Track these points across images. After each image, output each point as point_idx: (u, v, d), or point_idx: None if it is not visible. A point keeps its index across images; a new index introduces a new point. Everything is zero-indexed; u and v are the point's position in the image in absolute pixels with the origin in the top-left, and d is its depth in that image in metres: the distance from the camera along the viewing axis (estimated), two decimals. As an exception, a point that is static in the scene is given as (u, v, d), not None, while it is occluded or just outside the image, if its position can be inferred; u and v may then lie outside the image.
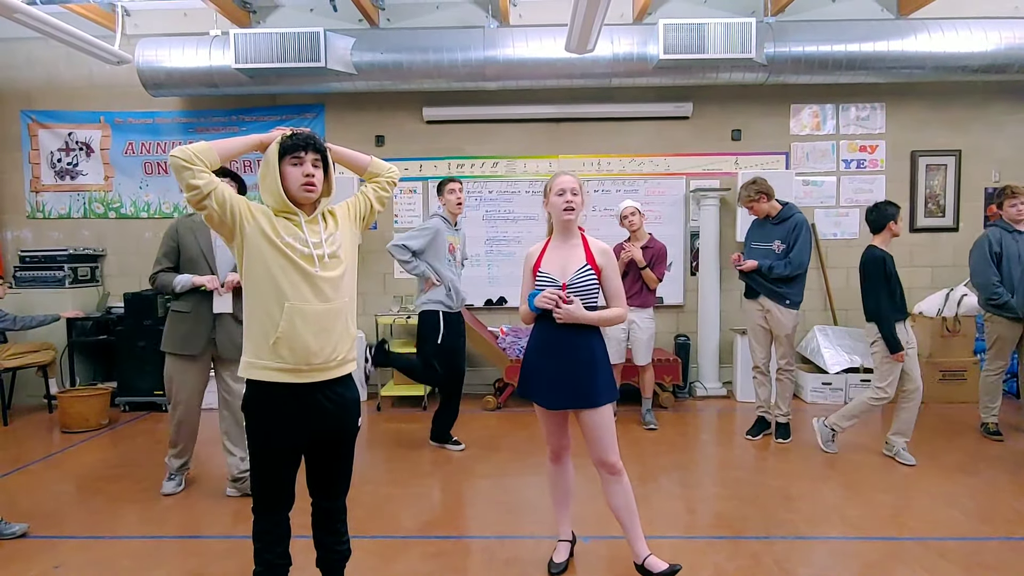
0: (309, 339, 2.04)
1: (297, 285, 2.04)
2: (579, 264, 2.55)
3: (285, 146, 2.06)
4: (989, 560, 2.81)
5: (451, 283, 4.20)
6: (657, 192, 6.03)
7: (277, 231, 2.04)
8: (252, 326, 2.07)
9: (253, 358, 2.06)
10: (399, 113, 6.03)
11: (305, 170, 2.07)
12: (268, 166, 2.08)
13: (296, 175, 2.06)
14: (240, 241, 2.06)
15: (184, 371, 3.56)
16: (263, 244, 2.03)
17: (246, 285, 2.08)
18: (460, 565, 2.84)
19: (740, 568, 2.76)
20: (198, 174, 2.00)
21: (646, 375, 4.94)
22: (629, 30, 5.40)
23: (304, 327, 2.03)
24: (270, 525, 2.16)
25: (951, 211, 6.04)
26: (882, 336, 3.92)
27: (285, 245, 2.03)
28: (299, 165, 2.07)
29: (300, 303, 2.03)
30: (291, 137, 2.08)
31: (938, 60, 5.28)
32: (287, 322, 2.01)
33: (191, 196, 2.01)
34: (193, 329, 3.52)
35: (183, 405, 3.58)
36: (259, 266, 2.04)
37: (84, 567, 2.85)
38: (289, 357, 2.03)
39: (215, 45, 5.41)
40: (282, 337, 2.01)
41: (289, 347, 2.02)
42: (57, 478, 3.98)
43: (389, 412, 5.50)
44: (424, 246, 4.15)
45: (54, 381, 5.55)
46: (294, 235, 2.06)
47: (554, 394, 2.56)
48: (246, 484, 3.59)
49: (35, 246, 6.14)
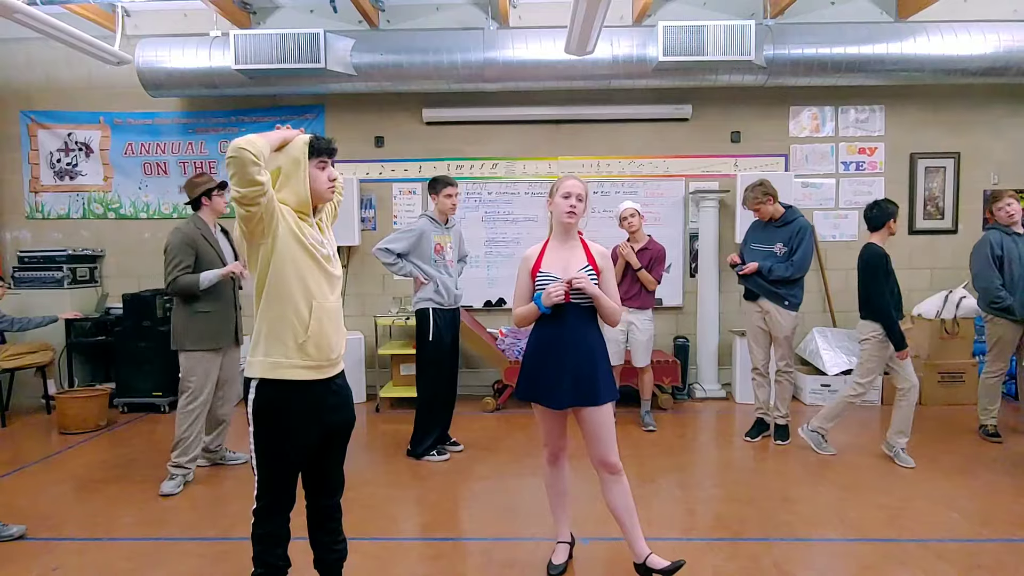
0: (332, 335, 2.13)
1: (320, 284, 2.12)
2: (581, 264, 2.58)
3: (318, 148, 2.13)
4: (988, 562, 2.81)
5: (439, 280, 4.18)
6: (656, 194, 6.03)
7: (303, 230, 2.10)
8: (278, 327, 2.06)
9: (280, 358, 2.06)
10: (399, 114, 6.03)
11: (330, 174, 2.18)
12: (298, 166, 2.10)
13: (323, 178, 2.16)
14: (271, 242, 2.04)
15: (211, 365, 3.78)
16: (294, 244, 2.06)
17: (272, 286, 2.06)
18: (458, 567, 2.84)
19: (739, 570, 2.77)
20: (263, 171, 1.94)
21: (645, 377, 4.94)
22: (629, 32, 5.40)
23: (328, 324, 2.12)
24: (271, 528, 2.15)
25: (950, 213, 6.04)
26: (888, 333, 3.91)
27: (311, 245, 2.10)
28: (324, 169, 2.16)
29: (323, 301, 2.12)
30: (320, 140, 2.15)
31: (937, 63, 5.28)
32: (316, 321, 2.08)
33: (251, 191, 1.92)
34: (221, 325, 3.80)
35: (204, 396, 3.78)
36: (289, 266, 2.06)
37: (82, 569, 2.84)
38: (316, 354, 2.09)
39: (215, 46, 5.41)
40: (312, 336, 2.07)
41: (316, 345, 2.09)
42: (55, 479, 3.97)
43: (388, 413, 5.50)
44: (408, 248, 4.14)
45: (52, 382, 5.54)
46: (311, 234, 2.13)
47: (557, 393, 2.56)
48: (215, 454, 4.12)
49: (34, 247, 6.13)
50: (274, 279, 2.06)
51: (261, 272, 2.08)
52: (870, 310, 4.00)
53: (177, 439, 3.74)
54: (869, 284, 3.98)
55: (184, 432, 3.72)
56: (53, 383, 5.54)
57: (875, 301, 3.96)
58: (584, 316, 2.58)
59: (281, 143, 2.10)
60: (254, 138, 1.96)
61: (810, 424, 4.32)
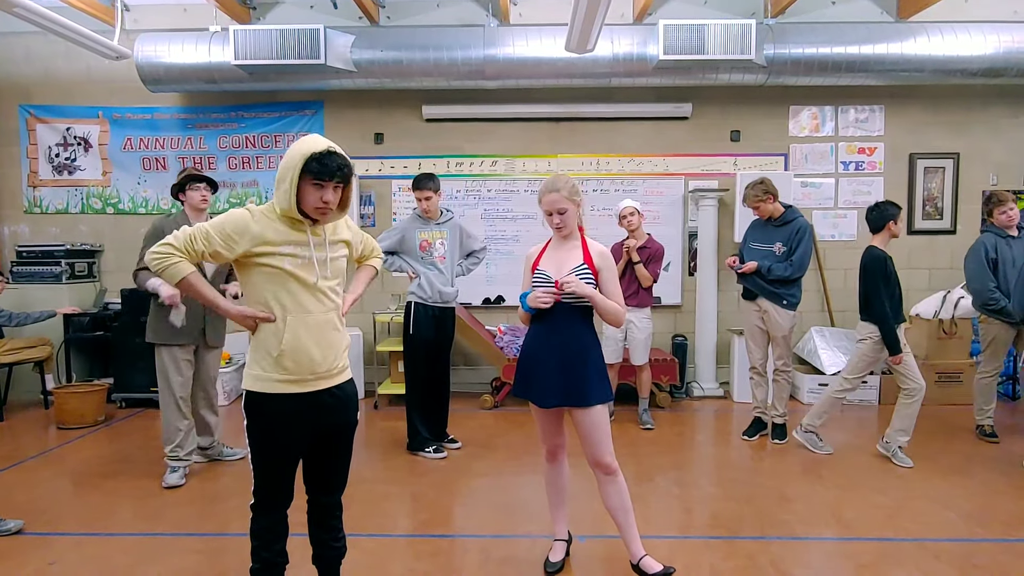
0: (313, 350, 2.05)
1: (298, 297, 2.04)
2: (576, 263, 2.55)
3: (311, 168, 1.96)
4: (984, 562, 2.82)
5: (423, 276, 4.18)
6: (655, 192, 6.03)
7: (277, 240, 2.01)
8: (259, 338, 2.06)
9: (258, 370, 2.05)
10: (398, 111, 6.03)
11: (324, 196, 2.00)
12: (287, 176, 1.98)
13: (314, 197, 1.99)
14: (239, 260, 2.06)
15: (177, 359, 3.69)
16: (263, 259, 2.01)
17: (249, 298, 2.08)
18: (456, 564, 2.85)
19: (735, 568, 2.77)
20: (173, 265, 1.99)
21: (643, 375, 4.95)
22: (629, 30, 5.40)
23: (308, 338, 2.04)
24: (269, 523, 2.15)
25: (949, 214, 6.05)
26: (884, 337, 3.93)
27: (285, 256, 2.02)
28: (319, 188, 1.99)
29: (301, 315, 2.04)
30: (319, 161, 1.96)
31: (937, 63, 5.29)
32: (292, 335, 2.02)
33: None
34: (184, 324, 3.57)
35: (175, 388, 3.70)
36: (259, 280, 2.04)
37: (80, 563, 2.84)
38: (294, 369, 2.04)
39: (214, 41, 5.40)
40: (287, 350, 2.02)
41: (294, 359, 2.03)
42: (53, 474, 3.97)
43: (386, 410, 5.50)
44: (392, 246, 4.18)
45: (50, 377, 5.53)
46: (296, 240, 2.04)
47: (545, 392, 2.56)
48: (212, 451, 4.11)
49: (32, 241, 6.13)
50: (248, 291, 2.08)
51: (241, 283, 2.10)
52: (869, 312, 4.01)
53: (163, 433, 3.77)
54: (868, 287, 4.00)
55: (166, 424, 3.74)
56: (51, 378, 5.53)
57: (871, 304, 3.97)
58: (576, 316, 2.56)
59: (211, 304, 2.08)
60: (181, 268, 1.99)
61: (802, 426, 4.34)
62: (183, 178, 3.76)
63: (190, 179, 3.74)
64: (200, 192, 3.74)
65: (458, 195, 6.05)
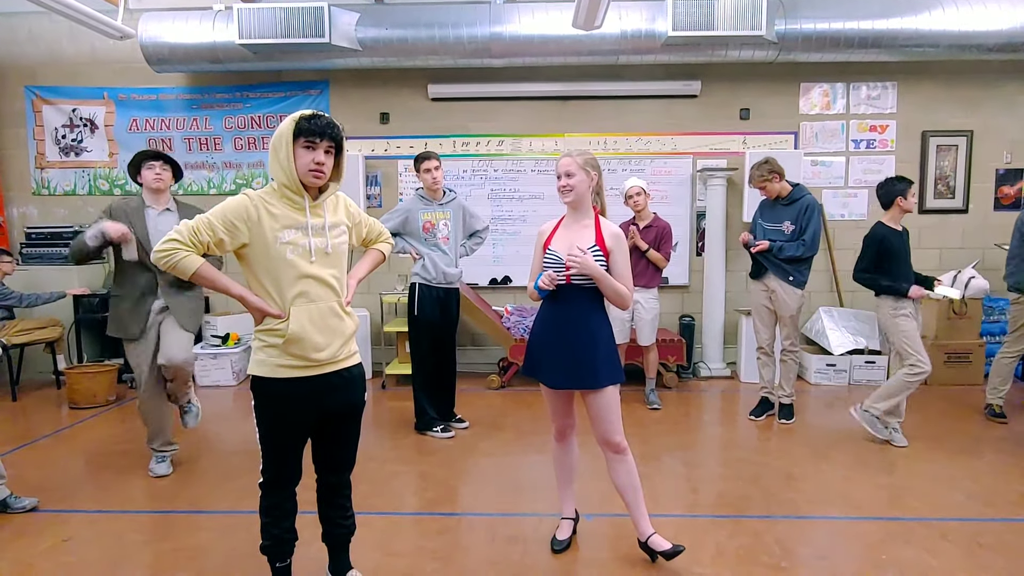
0: (317, 338, 2.06)
1: (299, 283, 2.04)
2: (587, 244, 2.53)
3: (301, 128, 1.99)
4: (991, 541, 2.83)
5: (427, 257, 4.17)
6: (664, 171, 5.98)
7: (276, 227, 2.02)
8: (261, 326, 2.07)
9: (263, 356, 2.07)
10: (404, 90, 5.98)
11: (316, 157, 2.01)
12: (282, 143, 2.01)
13: (306, 159, 2.01)
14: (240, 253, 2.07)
15: (135, 352, 3.48)
16: (266, 248, 2.02)
17: (252, 288, 2.08)
18: (463, 542, 2.88)
19: (741, 546, 2.79)
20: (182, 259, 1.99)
21: (650, 355, 4.94)
22: (637, 6, 5.30)
23: (310, 326, 2.05)
24: (278, 500, 2.19)
25: (961, 192, 5.97)
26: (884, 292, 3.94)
27: (287, 244, 2.02)
28: (311, 150, 2.01)
29: (305, 303, 2.04)
30: (308, 120, 2.00)
31: (953, 38, 5.18)
32: (295, 322, 2.02)
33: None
34: (133, 311, 3.41)
35: (142, 380, 3.51)
36: (261, 272, 2.05)
37: (93, 540, 2.89)
38: (298, 354, 2.05)
39: (219, 20, 5.36)
40: (290, 338, 2.02)
41: (298, 347, 2.04)
42: (66, 453, 4.03)
43: (394, 390, 5.53)
44: (396, 227, 4.14)
45: (62, 357, 5.58)
46: (296, 224, 2.04)
47: (556, 374, 2.57)
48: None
49: (41, 223, 6.15)
50: (251, 282, 2.09)
51: (244, 275, 2.11)
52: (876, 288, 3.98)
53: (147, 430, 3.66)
54: (858, 259, 3.99)
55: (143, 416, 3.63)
56: (62, 358, 5.59)
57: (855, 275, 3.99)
58: (586, 297, 2.55)
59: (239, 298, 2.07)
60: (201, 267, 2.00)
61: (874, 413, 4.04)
62: (136, 156, 3.48)
63: (144, 156, 3.47)
64: (154, 171, 3.42)
65: (464, 175, 6.02)
